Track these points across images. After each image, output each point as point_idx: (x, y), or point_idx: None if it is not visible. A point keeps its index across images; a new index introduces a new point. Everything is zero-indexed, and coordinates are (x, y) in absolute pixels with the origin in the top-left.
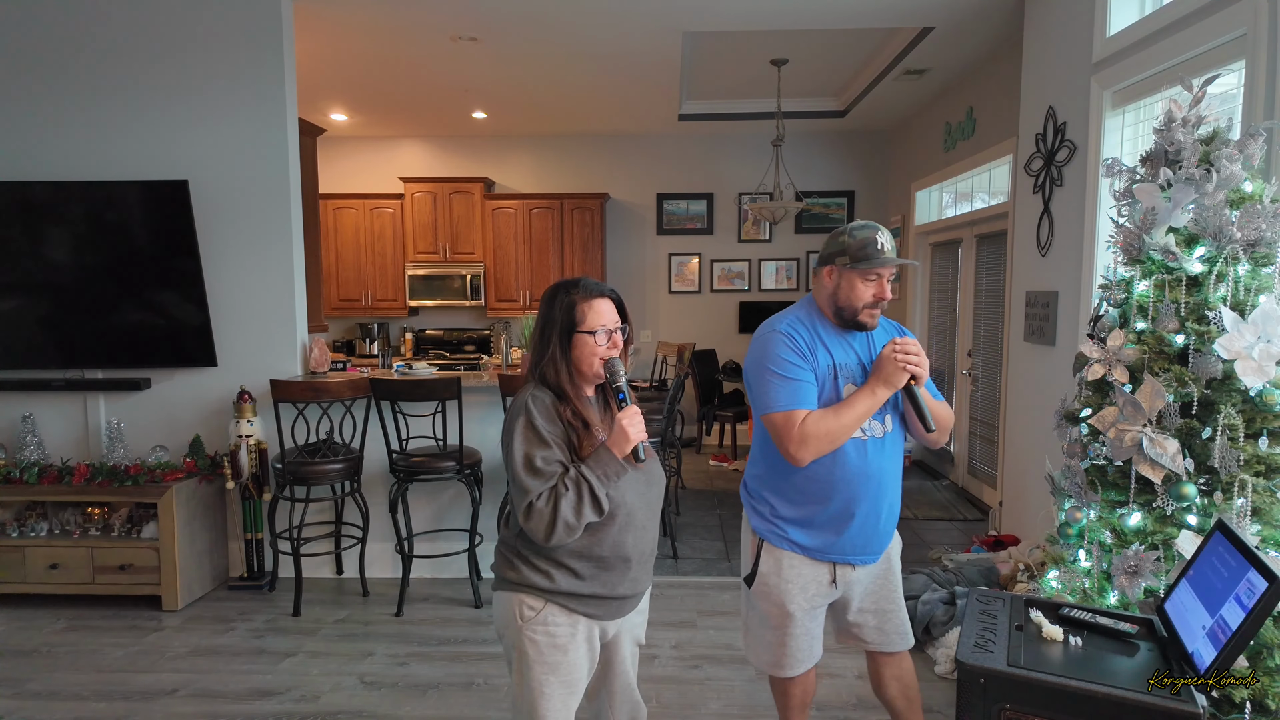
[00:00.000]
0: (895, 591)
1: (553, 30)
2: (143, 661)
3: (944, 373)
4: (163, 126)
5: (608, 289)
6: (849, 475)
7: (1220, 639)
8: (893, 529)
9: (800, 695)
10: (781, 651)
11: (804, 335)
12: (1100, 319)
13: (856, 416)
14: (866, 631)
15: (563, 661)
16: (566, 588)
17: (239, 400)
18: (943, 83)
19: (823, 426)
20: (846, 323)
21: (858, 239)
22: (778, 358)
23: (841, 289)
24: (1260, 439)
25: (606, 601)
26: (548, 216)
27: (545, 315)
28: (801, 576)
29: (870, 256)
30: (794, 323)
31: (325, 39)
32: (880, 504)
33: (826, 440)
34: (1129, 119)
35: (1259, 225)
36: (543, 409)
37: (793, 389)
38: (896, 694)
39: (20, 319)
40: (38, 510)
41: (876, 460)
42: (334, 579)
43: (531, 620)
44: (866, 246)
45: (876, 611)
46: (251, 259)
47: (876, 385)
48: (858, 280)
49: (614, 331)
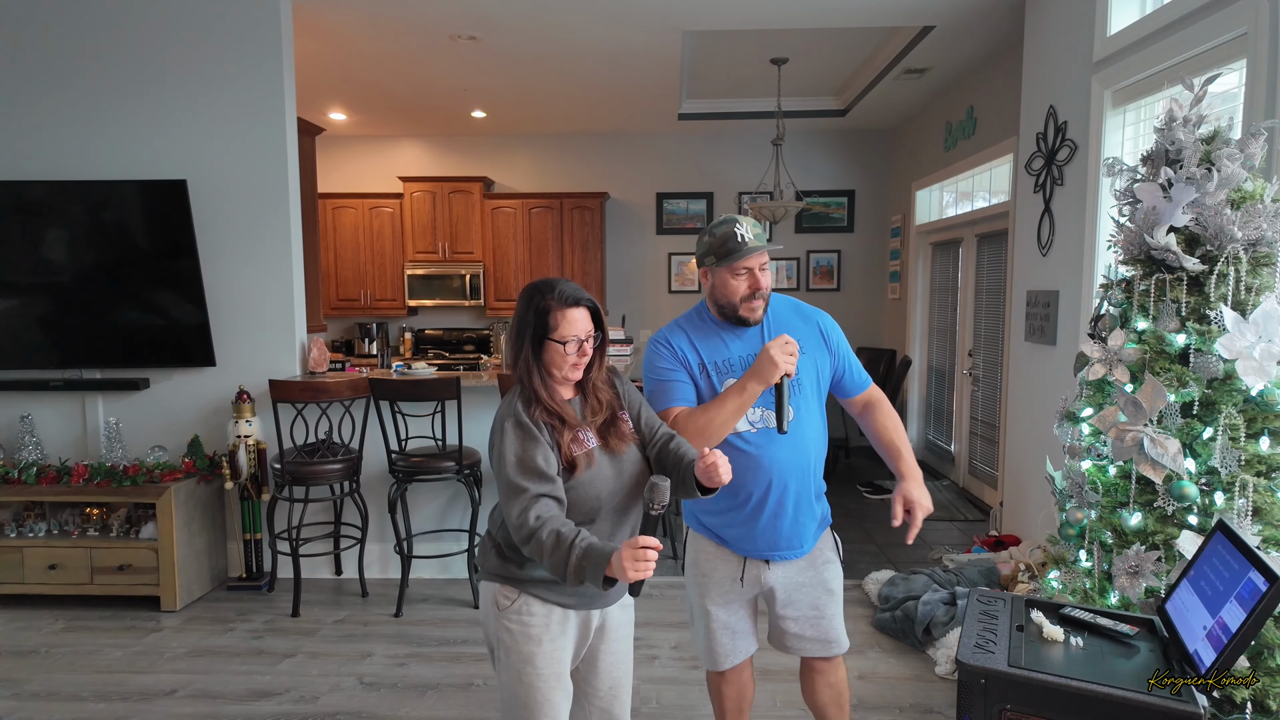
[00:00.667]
0: (826, 595)
1: (553, 29)
2: (141, 662)
3: (945, 372)
4: (161, 126)
5: (585, 298)
6: (742, 470)
7: (1221, 639)
8: (813, 524)
9: (734, 698)
10: (707, 643)
11: (675, 340)
12: (1101, 319)
13: (728, 411)
14: (788, 638)
15: (538, 651)
16: (540, 577)
17: (238, 400)
18: (943, 82)
19: (693, 422)
20: (730, 319)
21: (718, 235)
22: (652, 365)
23: (717, 288)
24: (1261, 439)
25: (581, 594)
26: (547, 216)
27: (520, 316)
28: (716, 570)
29: (732, 251)
30: (667, 331)
31: (324, 38)
32: (783, 496)
33: (699, 435)
34: (1130, 118)
35: (1260, 225)
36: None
37: (666, 389)
38: (828, 701)
39: (19, 319)
40: (36, 511)
41: (770, 451)
42: (333, 579)
43: (507, 609)
44: (727, 241)
45: (801, 619)
46: (250, 259)
47: (748, 380)
48: (728, 277)
49: (584, 341)
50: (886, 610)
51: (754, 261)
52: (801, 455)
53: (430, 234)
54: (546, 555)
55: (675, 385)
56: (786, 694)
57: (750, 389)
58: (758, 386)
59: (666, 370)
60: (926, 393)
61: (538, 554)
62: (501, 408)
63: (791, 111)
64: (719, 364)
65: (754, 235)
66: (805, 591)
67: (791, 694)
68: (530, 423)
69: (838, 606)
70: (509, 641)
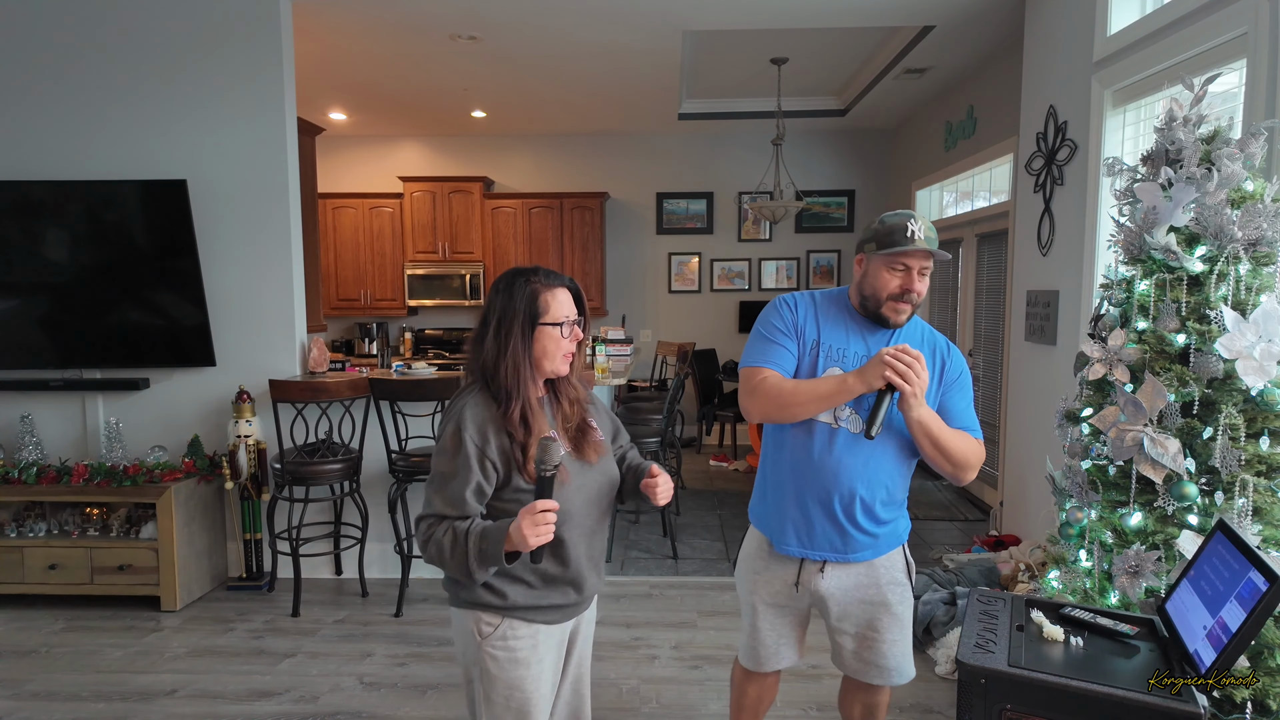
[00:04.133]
0: (883, 618)
1: (553, 29)
2: (141, 662)
3: None
4: (161, 126)
5: (567, 279)
6: (808, 460)
7: (1221, 639)
8: (870, 540)
9: (755, 698)
10: (750, 641)
11: (802, 308)
12: (1101, 318)
13: (816, 395)
14: (845, 654)
15: (526, 675)
16: (523, 601)
17: (238, 400)
18: (943, 82)
19: (776, 388)
20: (871, 314)
21: (888, 225)
22: (766, 321)
23: (868, 277)
24: (1261, 439)
25: (562, 607)
26: (547, 216)
27: (504, 305)
28: (769, 569)
29: (896, 243)
30: (800, 295)
31: (324, 38)
32: (844, 498)
33: (775, 403)
34: (1130, 118)
35: (1260, 224)
36: (482, 420)
37: (765, 348)
38: (858, 715)
39: (18, 319)
40: (36, 511)
41: (839, 453)
42: (333, 579)
43: (491, 636)
44: (895, 233)
45: (855, 636)
46: (250, 258)
47: (849, 376)
48: (883, 268)
49: (575, 324)
50: None
51: (915, 261)
52: (870, 468)
53: (430, 234)
54: (447, 556)
55: (778, 349)
56: (787, 694)
57: (850, 385)
58: (858, 384)
59: (778, 331)
60: None
61: (438, 559)
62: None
63: (791, 111)
64: (832, 349)
65: (925, 237)
66: (863, 608)
67: (793, 694)
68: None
69: (903, 633)
70: (494, 669)
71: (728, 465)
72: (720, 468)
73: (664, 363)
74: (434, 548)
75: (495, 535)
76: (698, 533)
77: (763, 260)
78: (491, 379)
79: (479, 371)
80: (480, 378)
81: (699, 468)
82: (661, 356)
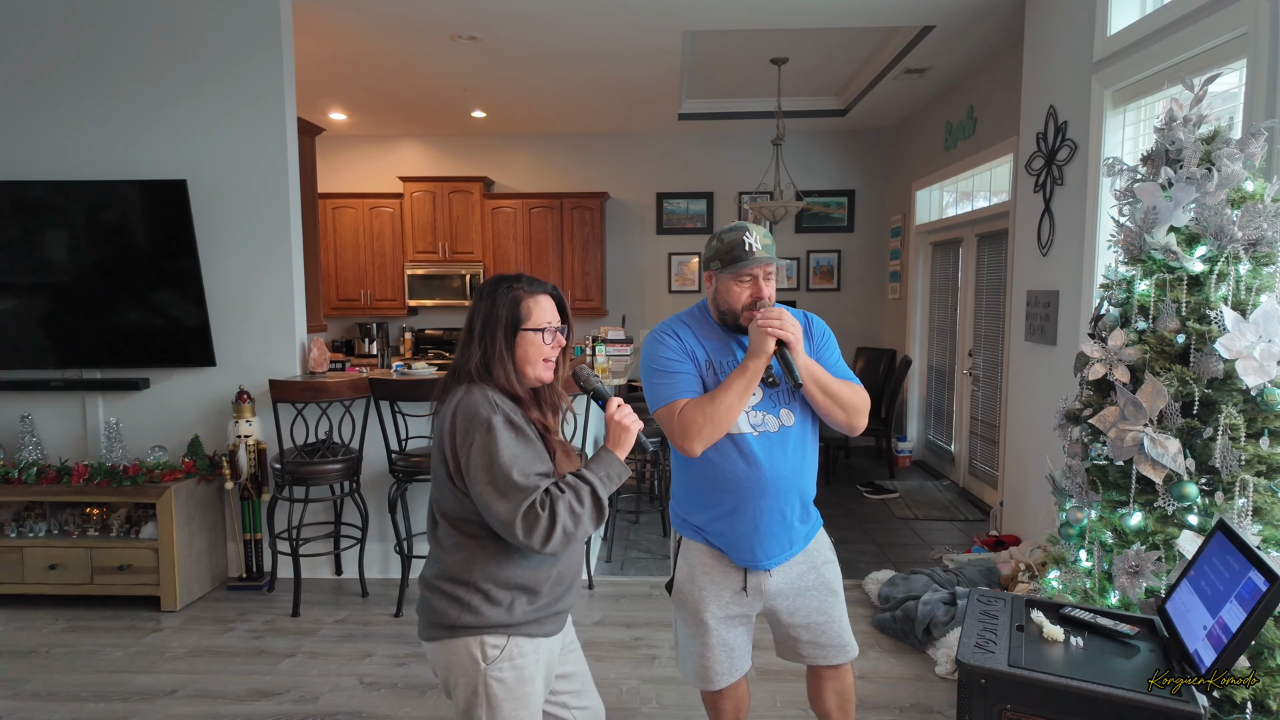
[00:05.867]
0: (828, 600)
1: (552, 29)
2: (141, 662)
3: (945, 372)
4: (161, 126)
5: (549, 286)
6: (738, 472)
7: (1221, 639)
8: (807, 530)
9: (732, 711)
10: (702, 663)
11: (684, 334)
12: (1101, 318)
13: (734, 393)
14: (802, 646)
15: (532, 692)
16: (529, 615)
17: (238, 400)
18: (943, 82)
19: (700, 412)
20: (731, 326)
21: (726, 242)
22: (655, 356)
23: (719, 293)
24: (1261, 439)
25: (559, 615)
26: (547, 216)
27: (486, 311)
28: (715, 584)
29: (738, 259)
30: (673, 322)
31: (324, 38)
32: (781, 503)
33: (708, 425)
34: (1130, 118)
35: (1260, 224)
36: (510, 409)
37: (670, 381)
38: (833, 707)
39: (19, 319)
40: (36, 511)
41: (770, 457)
42: (333, 579)
43: (497, 659)
44: (734, 249)
45: (809, 626)
46: (250, 258)
47: (748, 359)
48: (731, 283)
49: (558, 330)
50: (886, 610)
51: (759, 271)
52: (800, 459)
53: (430, 234)
54: (583, 524)
55: (681, 377)
56: (787, 694)
57: (751, 367)
58: (756, 362)
59: (672, 361)
60: (926, 393)
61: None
62: (473, 403)
63: (791, 111)
64: (723, 364)
65: (762, 246)
66: (810, 596)
67: (792, 694)
68: (525, 424)
69: (843, 609)
70: (502, 693)
71: None
72: None
73: None
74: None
75: (604, 457)
76: None
77: None
78: (492, 382)
79: (466, 376)
80: (485, 379)
81: None
82: None
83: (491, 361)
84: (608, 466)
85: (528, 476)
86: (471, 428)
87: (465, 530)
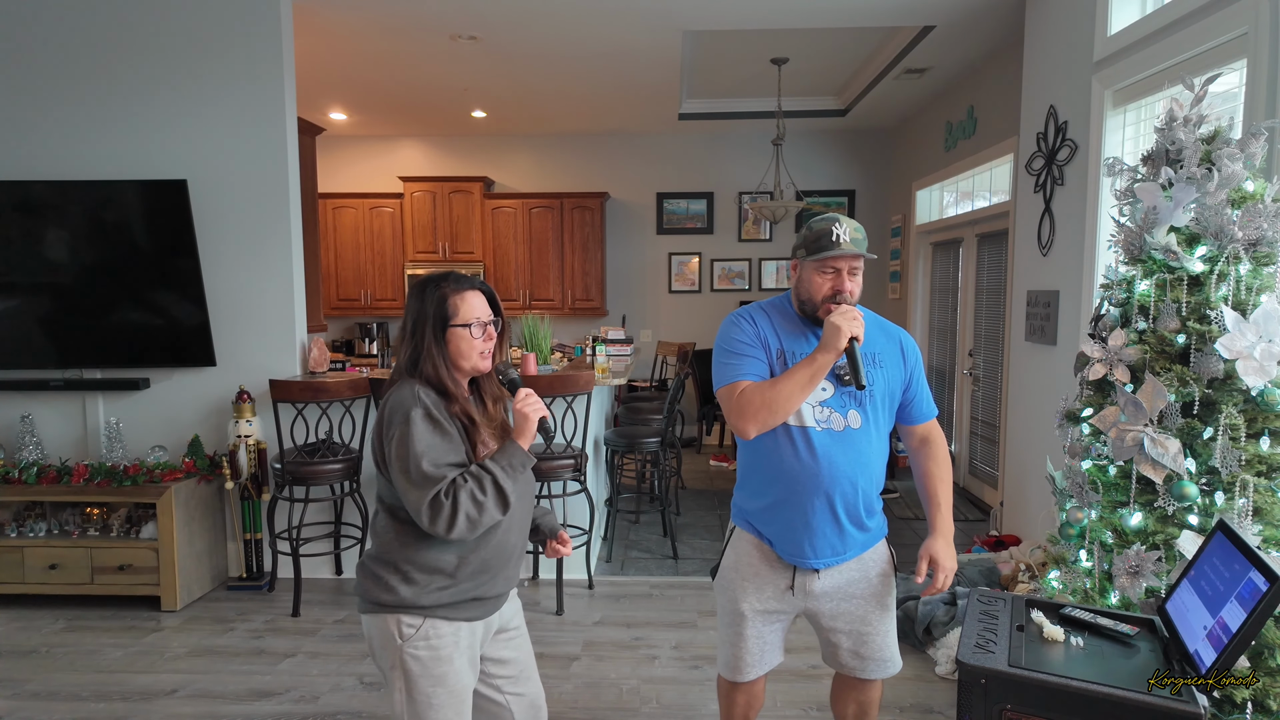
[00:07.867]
0: (874, 612)
1: (552, 29)
2: (141, 662)
3: (945, 372)
4: (161, 126)
5: (478, 281)
6: (794, 466)
7: (1221, 639)
8: (864, 535)
9: (744, 706)
10: (733, 652)
11: (760, 320)
12: (1101, 318)
13: (796, 383)
14: (843, 654)
15: (449, 671)
16: (446, 599)
17: (238, 400)
18: (944, 82)
19: (760, 394)
20: (810, 316)
21: (815, 230)
22: (728, 338)
23: (802, 282)
24: (1262, 439)
25: (484, 601)
26: (547, 216)
27: (416, 310)
28: (758, 577)
29: (824, 247)
30: (752, 309)
31: (324, 38)
32: (835, 502)
33: (765, 409)
34: (1130, 118)
35: (1260, 224)
36: (433, 403)
37: (736, 363)
38: (851, 715)
39: (19, 319)
40: (36, 510)
41: (830, 453)
42: (333, 579)
43: (413, 637)
44: (822, 238)
45: (850, 633)
46: (250, 258)
47: (817, 352)
48: (814, 273)
49: (488, 324)
50: None
51: (844, 263)
52: (863, 459)
53: (430, 234)
54: (487, 511)
55: (749, 360)
56: (787, 694)
57: (819, 360)
58: (827, 356)
59: (743, 344)
60: None
61: (475, 511)
62: (400, 397)
63: (792, 111)
64: (796, 354)
65: (851, 239)
66: (856, 603)
67: (792, 694)
68: (445, 418)
69: (892, 624)
70: (417, 670)
71: (728, 465)
72: (720, 468)
73: (664, 363)
74: (465, 507)
75: (507, 447)
76: (698, 533)
77: (763, 260)
78: (424, 377)
79: (399, 372)
80: (416, 375)
81: (699, 468)
82: (662, 356)
83: (420, 357)
84: (510, 456)
85: (438, 466)
86: (394, 420)
87: (396, 515)
